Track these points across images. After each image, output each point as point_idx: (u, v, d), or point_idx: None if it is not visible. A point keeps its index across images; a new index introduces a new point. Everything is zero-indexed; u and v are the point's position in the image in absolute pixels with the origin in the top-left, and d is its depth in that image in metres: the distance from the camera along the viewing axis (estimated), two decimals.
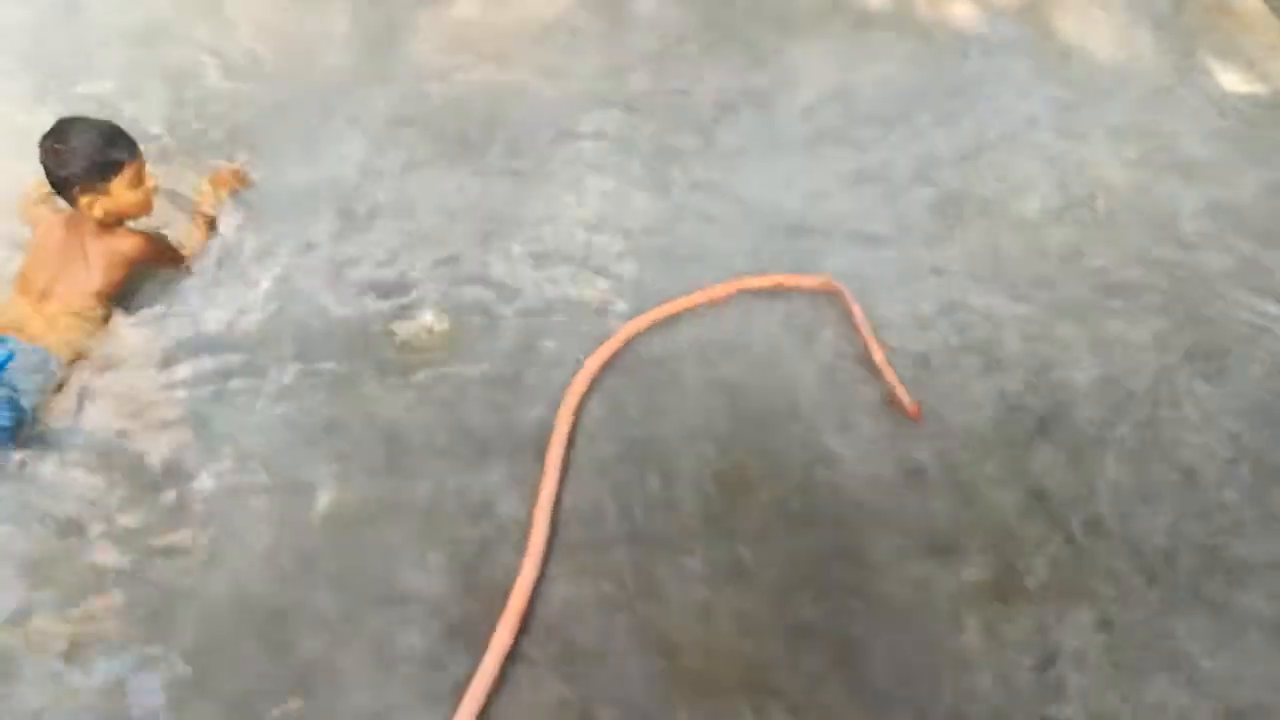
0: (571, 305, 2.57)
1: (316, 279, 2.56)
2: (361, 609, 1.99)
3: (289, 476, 2.17)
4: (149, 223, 2.54)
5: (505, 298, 2.57)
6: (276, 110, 3.00)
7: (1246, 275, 2.80)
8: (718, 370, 2.47)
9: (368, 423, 2.29)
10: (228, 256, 2.57)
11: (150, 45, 3.16)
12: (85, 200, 2.32)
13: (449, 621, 1.98)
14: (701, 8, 3.54)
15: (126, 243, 2.40)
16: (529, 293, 2.59)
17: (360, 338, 2.45)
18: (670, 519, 2.18)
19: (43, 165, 2.31)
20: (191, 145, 2.83)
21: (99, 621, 1.92)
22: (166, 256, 2.50)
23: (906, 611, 2.07)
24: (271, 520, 2.10)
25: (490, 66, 3.24)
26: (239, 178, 2.74)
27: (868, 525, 2.20)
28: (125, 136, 2.37)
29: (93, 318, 2.33)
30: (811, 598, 2.08)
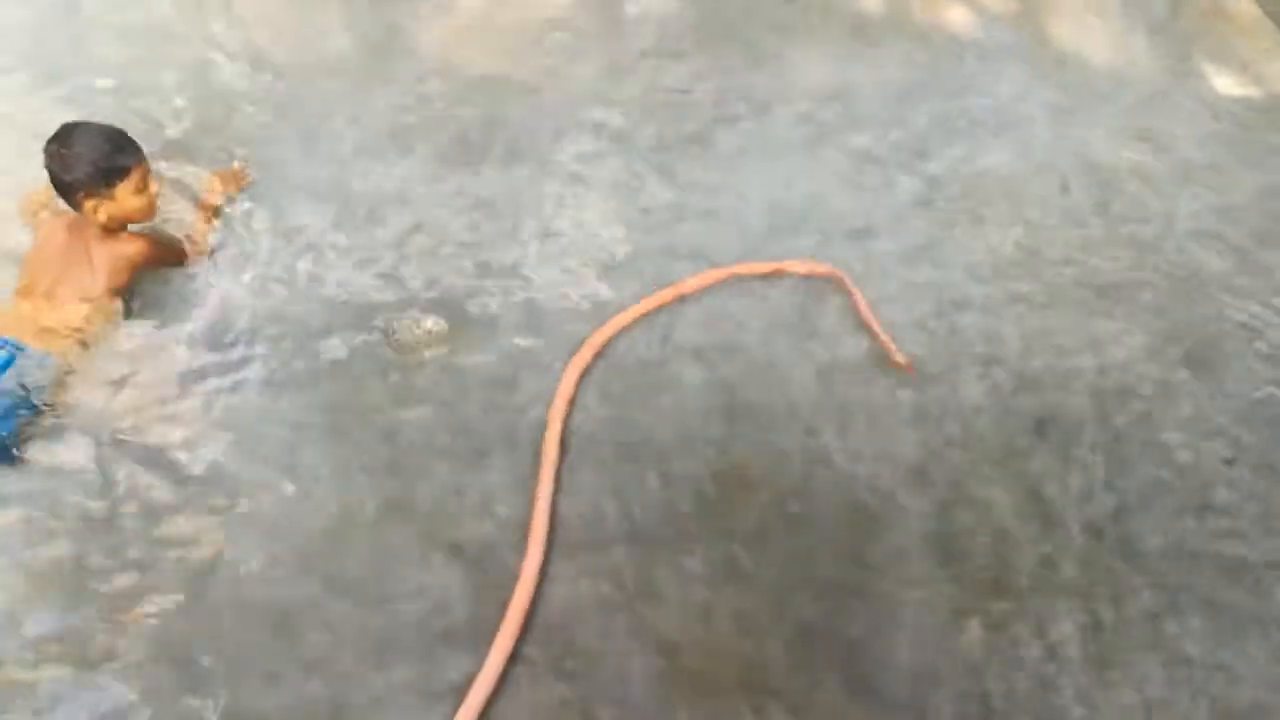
0: (571, 305, 2.57)
1: (316, 279, 2.56)
2: (361, 609, 1.99)
3: (289, 477, 2.17)
4: (149, 224, 2.53)
5: (505, 298, 2.57)
6: (277, 110, 3.00)
7: (1242, 277, 2.82)
8: (717, 371, 2.48)
9: (368, 423, 2.29)
10: (228, 257, 2.57)
11: (150, 46, 3.15)
12: (90, 205, 2.31)
13: (449, 622, 1.98)
14: (701, 9, 3.54)
15: (131, 246, 2.39)
16: (529, 293, 2.59)
17: (360, 338, 2.45)
18: (669, 519, 2.18)
19: (47, 169, 2.29)
20: (191, 146, 2.83)
21: (99, 622, 1.92)
22: (169, 259, 2.49)
23: (904, 611, 2.08)
24: (272, 520, 2.10)
25: (490, 67, 3.24)
26: (238, 178, 2.74)
27: (867, 525, 2.21)
28: (131, 141, 2.36)
29: (94, 320, 2.32)
30: (811, 598, 2.09)
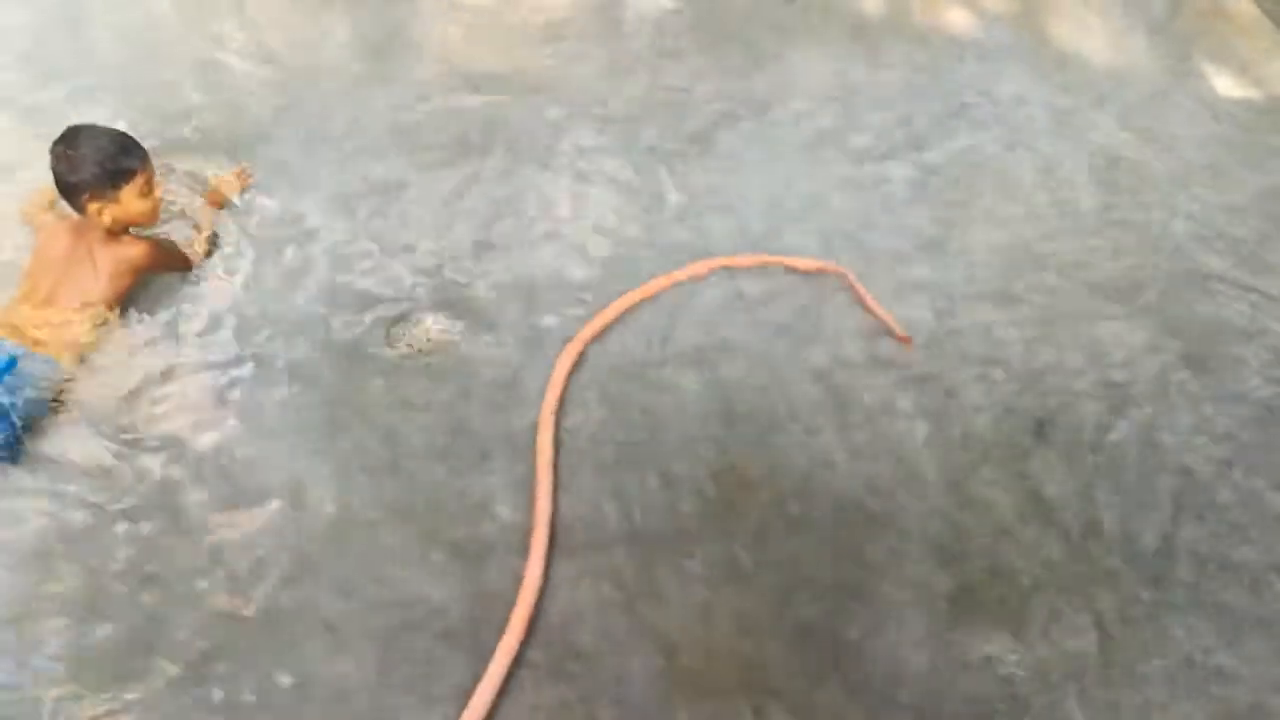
0: (572, 306, 2.57)
1: (317, 282, 2.56)
2: (362, 611, 1.99)
3: (290, 479, 2.17)
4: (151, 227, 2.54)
5: (505, 299, 2.57)
6: (279, 110, 3.00)
7: (1243, 277, 2.82)
8: (717, 372, 2.48)
9: (368, 425, 2.29)
10: (229, 258, 2.57)
11: (151, 46, 3.16)
12: (94, 207, 2.31)
13: (449, 623, 1.98)
14: (701, 10, 3.55)
15: (134, 250, 2.38)
16: (528, 294, 2.59)
17: (361, 340, 2.45)
18: (670, 520, 2.19)
19: (53, 171, 2.29)
20: (192, 148, 2.83)
21: (100, 622, 1.92)
22: (172, 262, 2.49)
23: (905, 612, 2.08)
24: (273, 523, 2.10)
25: (491, 67, 3.24)
26: (240, 178, 2.75)
27: (866, 526, 2.21)
28: (136, 145, 2.36)
29: (96, 323, 2.31)
30: (810, 598, 2.09)
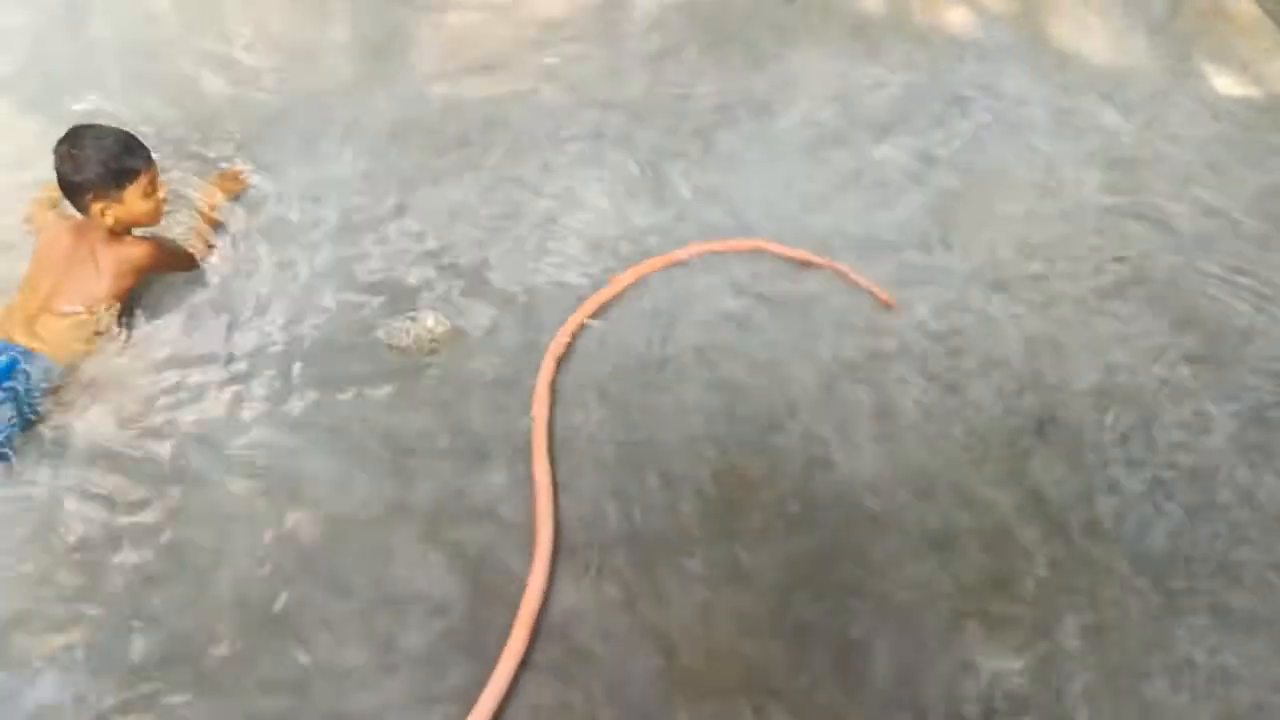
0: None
1: (318, 282, 2.57)
2: (363, 610, 1.99)
3: (291, 478, 2.18)
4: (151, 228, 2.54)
5: (505, 300, 2.57)
6: (278, 114, 3.01)
7: (1243, 277, 2.82)
8: (717, 371, 2.48)
9: (369, 425, 2.29)
10: (229, 261, 2.58)
11: (151, 49, 3.17)
12: (98, 207, 2.30)
13: (450, 623, 1.98)
14: (701, 12, 3.55)
15: (137, 250, 2.38)
16: (529, 295, 2.59)
17: (361, 340, 2.45)
18: (670, 520, 2.18)
19: (56, 170, 2.29)
20: (192, 149, 2.83)
21: (101, 619, 1.92)
22: (174, 263, 2.49)
23: (906, 612, 2.07)
24: (274, 522, 2.10)
25: (490, 70, 3.24)
26: (238, 181, 2.75)
27: (867, 526, 2.21)
28: (140, 145, 2.36)
29: (96, 324, 2.32)
30: (811, 598, 2.09)
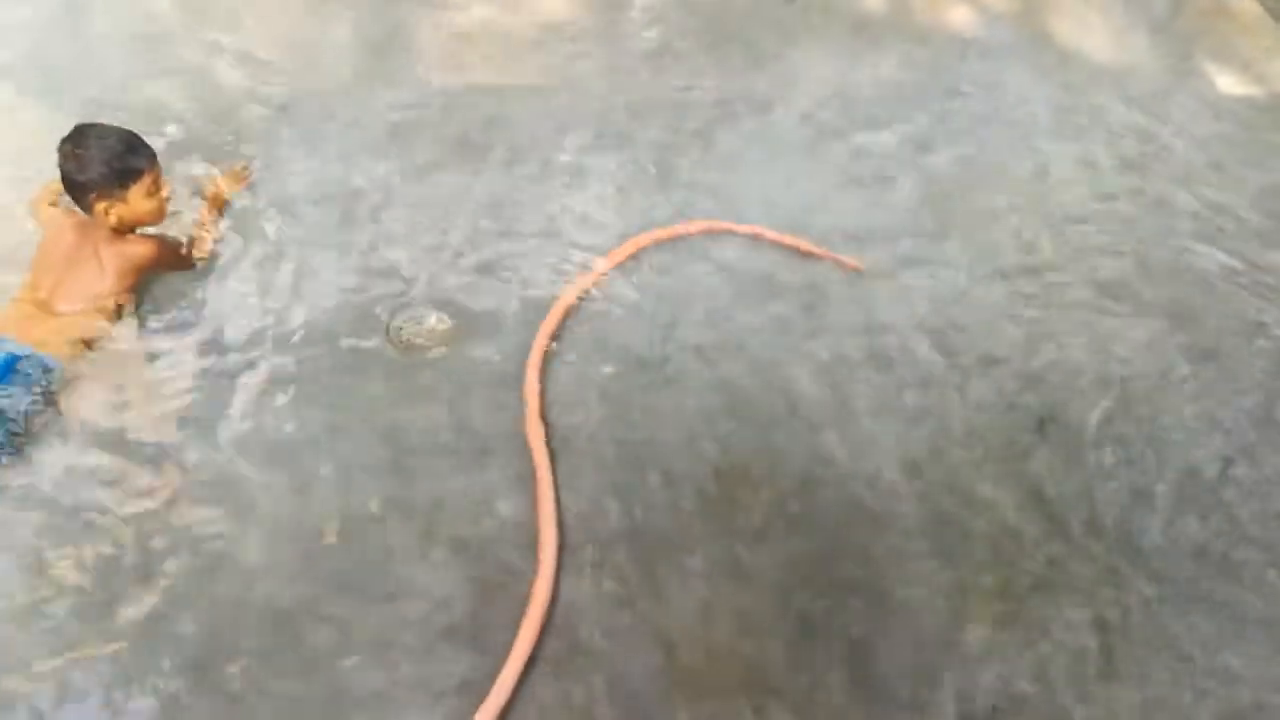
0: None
1: (319, 279, 2.57)
2: (364, 607, 1.99)
3: (292, 475, 2.17)
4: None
5: (506, 297, 2.57)
6: (279, 110, 3.01)
7: (1244, 276, 2.82)
8: (718, 370, 2.48)
9: (370, 421, 2.29)
10: (230, 258, 2.57)
11: (152, 46, 3.16)
12: (101, 206, 2.30)
13: (451, 620, 1.98)
14: (701, 10, 3.55)
15: (140, 248, 2.38)
16: (530, 293, 2.59)
17: (363, 337, 2.45)
18: (671, 519, 2.19)
19: (60, 168, 2.29)
20: (193, 146, 2.83)
21: (102, 618, 1.93)
22: (177, 261, 2.49)
23: (906, 611, 2.08)
24: (274, 519, 2.10)
25: (491, 68, 3.24)
26: (240, 178, 2.75)
27: (868, 524, 2.21)
28: (144, 145, 2.36)
29: (97, 322, 2.32)
30: (812, 597, 2.09)
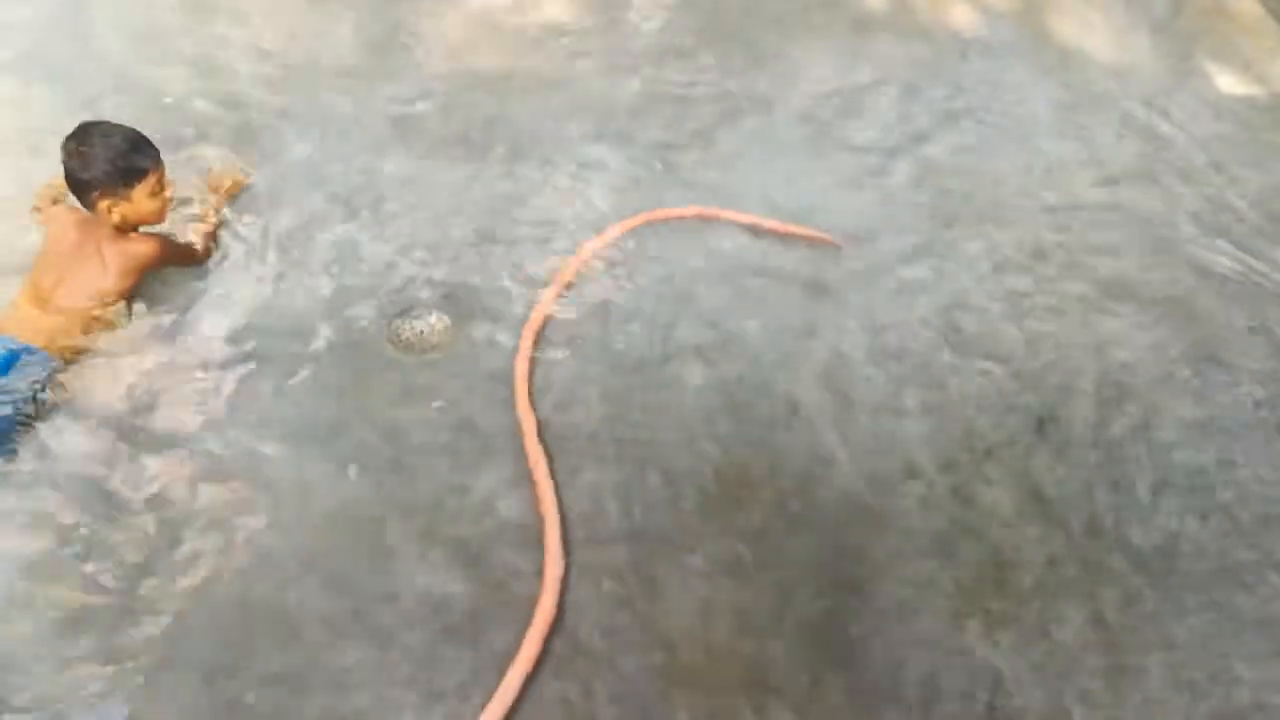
0: (573, 303, 2.57)
1: (319, 278, 2.56)
2: (363, 607, 1.99)
3: (291, 475, 2.17)
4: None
5: (506, 296, 2.57)
6: (280, 108, 3.00)
7: (1245, 276, 2.82)
8: (718, 369, 2.48)
9: (369, 421, 2.29)
10: (231, 257, 2.57)
11: (154, 44, 3.16)
12: (105, 204, 2.31)
13: (451, 619, 1.98)
14: (702, 8, 3.55)
15: (143, 247, 2.38)
16: (531, 290, 2.59)
17: (362, 336, 2.45)
18: (671, 517, 2.18)
19: (64, 166, 2.29)
20: (193, 145, 2.83)
21: (101, 621, 1.92)
22: (179, 259, 2.49)
23: (906, 610, 2.08)
24: (274, 519, 2.10)
25: (492, 65, 3.24)
26: (239, 178, 2.74)
27: (868, 525, 2.21)
28: (149, 144, 2.36)
29: (97, 320, 2.31)
30: (812, 596, 2.09)
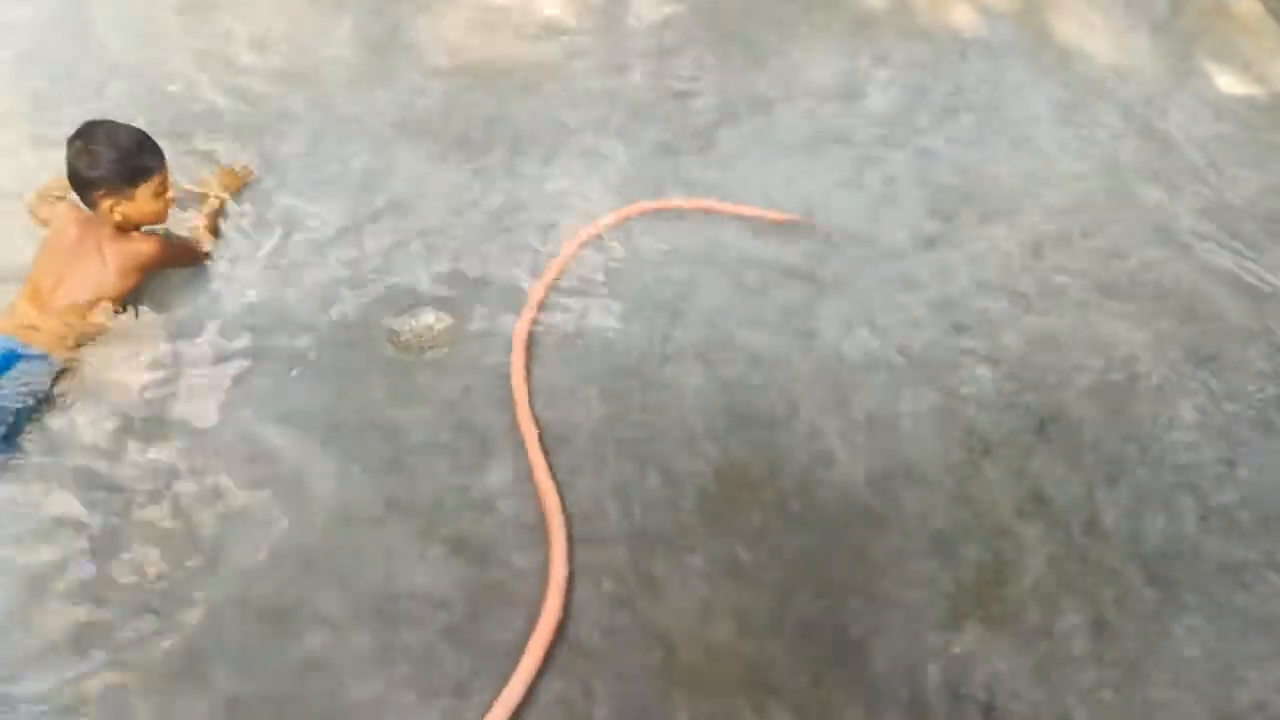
0: (573, 302, 2.57)
1: (319, 278, 2.57)
2: (363, 607, 1.99)
3: (292, 474, 2.17)
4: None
5: (507, 296, 2.57)
6: (280, 111, 3.00)
7: (1245, 276, 2.82)
8: (717, 370, 2.48)
9: (370, 420, 2.29)
10: (230, 256, 2.57)
11: (153, 44, 3.16)
12: (108, 203, 2.31)
13: (450, 619, 1.98)
14: (702, 8, 3.55)
15: (145, 246, 2.38)
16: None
17: (363, 336, 2.45)
18: (671, 518, 2.18)
19: (69, 164, 2.29)
20: (194, 144, 2.83)
21: (97, 620, 1.92)
22: (179, 259, 2.49)
23: (906, 611, 2.07)
24: (274, 518, 2.10)
25: (492, 65, 3.24)
26: (239, 177, 2.74)
27: (868, 524, 2.21)
28: (154, 145, 2.37)
29: (97, 319, 2.31)
30: (812, 596, 2.09)
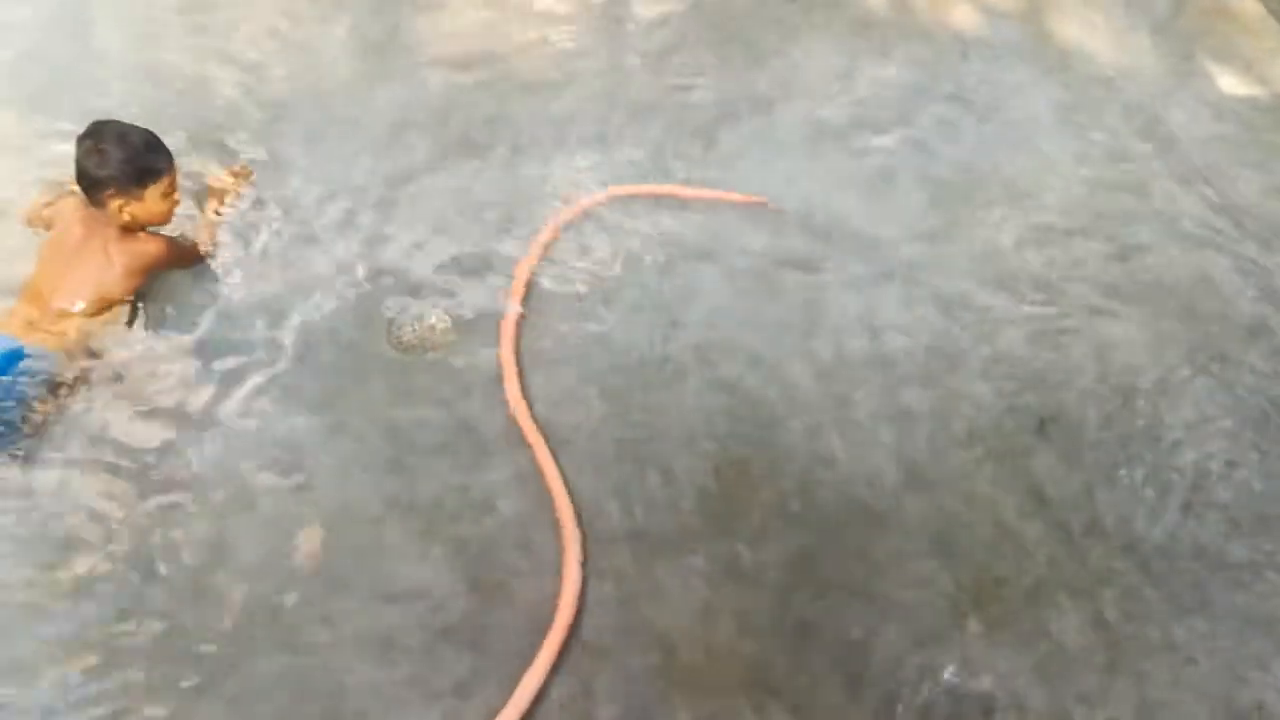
0: (573, 302, 2.58)
1: (320, 278, 2.56)
2: (363, 606, 1.99)
3: (292, 474, 2.17)
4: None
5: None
6: (280, 111, 3.00)
7: (1245, 277, 2.82)
8: (718, 370, 2.48)
9: (370, 420, 2.29)
10: (231, 257, 2.57)
11: (153, 44, 3.16)
12: (116, 204, 2.30)
13: (450, 619, 1.98)
14: (703, 8, 3.55)
15: (150, 246, 2.38)
16: (530, 290, 2.59)
17: (364, 336, 2.45)
18: (671, 518, 2.18)
19: (78, 163, 2.28)
20: (194, 146, 2.82)
21: (101, 619, 1.93)
22: (183, 259, 2.49)
23: (906, 611, 2.08)
24: (274, 518, 2.10)
25: (492, 67, 3.24)
26: (242, 176, 2.74)
27: (868, 524, 2.21)
28: (163, 145, 2.37)
29: (100, 318, 2.31)
30: (812, 597, 2.09)
